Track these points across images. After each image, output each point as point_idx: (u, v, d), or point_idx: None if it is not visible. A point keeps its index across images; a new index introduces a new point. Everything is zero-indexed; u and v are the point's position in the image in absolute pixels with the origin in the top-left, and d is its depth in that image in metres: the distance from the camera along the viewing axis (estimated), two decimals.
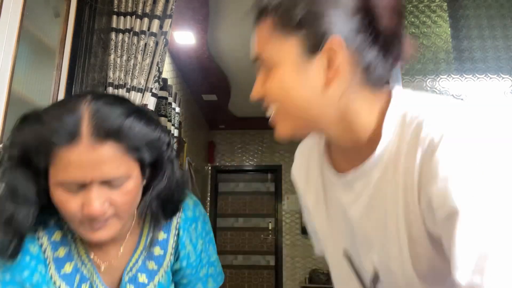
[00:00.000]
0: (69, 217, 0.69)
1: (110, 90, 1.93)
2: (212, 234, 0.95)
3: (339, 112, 0.64)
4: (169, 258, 0.86)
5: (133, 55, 1.97)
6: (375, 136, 0.63)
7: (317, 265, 5.72)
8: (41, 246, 0.76)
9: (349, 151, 0.68)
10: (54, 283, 0.75)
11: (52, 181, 0.67)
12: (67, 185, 0.66)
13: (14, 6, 1.24)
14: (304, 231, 5.81)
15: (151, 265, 0.84)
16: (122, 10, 2.01)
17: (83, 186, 0.66)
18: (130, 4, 2.03)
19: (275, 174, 6.11)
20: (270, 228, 6.08)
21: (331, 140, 0.72)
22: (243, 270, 6.01)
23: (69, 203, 0.67)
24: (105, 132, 0.65)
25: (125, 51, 1.98)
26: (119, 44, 1.97)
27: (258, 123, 5.90)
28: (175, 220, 0.86)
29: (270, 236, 6.06)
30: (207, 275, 0.95)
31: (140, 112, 0.73)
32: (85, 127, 0.64)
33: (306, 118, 0.65)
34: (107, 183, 0.67)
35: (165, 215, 0.82)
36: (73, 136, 0.64)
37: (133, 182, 0.70)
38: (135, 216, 0.82)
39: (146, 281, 0.82)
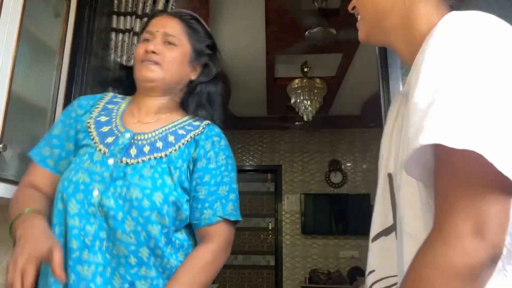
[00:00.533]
0: (136, 57, 1.07)
1: (110, 90, 1.93)
2: (234, 167, 1.07)
3: (403, 16, 0.71)
4: (187, 139, 1.02)
5: (133, 55, 1.97)
6: None
7: (317, 265, 5.72)
8: (103, 98, 1.13)
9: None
10: (89, 127, 1.04)
11: (138, 44, 1.09)
12: (144, 37, 1.08)
13: (14, 6, 1.24)
14: (304, 231, 5.82)
15: (171, 138, 1.01)
16: (122, 10, 2.01)
17: (152, 38, 1.06)
18: (130, 4, 2.02)
19: (275, 174, 6.11)
20: (270, 228, 6.08)
21: (400, 56, 0.78)
22: (243, 270, 6.01)
23: (139, 48, 1.06)
24: (175, 14, 1.11)
25: (125, 51, 1.98)
26: (119, 44, 1.97)
27: (258, 123, 5.91)
28: (204, 122, 1.07)
29: (270, 236, 6.06)
30: (228, 199, 1.01)
31: (202, 23, 1.16)
32: (166, 13, 1.14)
33: (378, 20, 0.75)
34: (165, 39, 1.06)
35: (200, 111, 1.08)
36: (160, 14, 1.12)
37: (181, 50, 1.07)
38: (175, 104, 1.10)
39: (161, 147, 0.99)
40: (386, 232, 0.76)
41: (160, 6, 2.05)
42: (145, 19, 2.01)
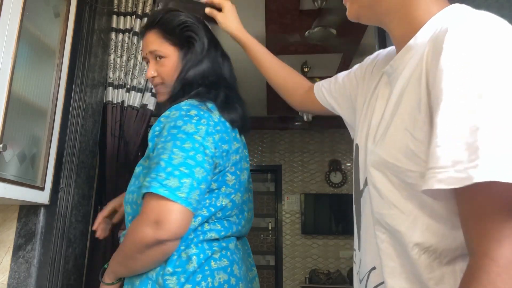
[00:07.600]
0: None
1: (110, 90, 1.93)
2: (175, 137, 0.93)
3: (401, 1, 0.69)
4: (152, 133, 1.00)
5: (133, 55, 1.97)
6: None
7: (317, 265, 5.72)
8: None
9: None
10: None
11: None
12: (146, 62, 1.19)
13: (14, 6, 1.24)
14: (304, 231, 5.82)
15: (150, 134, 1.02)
16: (122, 10, 2.01)
17: (148, 62, 1.16)
18: (130, 4, 2.02)
19: (275, 174, 6.11)
20: (270, 228, 6.09)
21: (392, 38, 0.75)
22: None
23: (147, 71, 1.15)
24: (151, 24, 1.15)
25: (125, 51, 1.98)
26: (119, 44, 1.97)
27: (258, 123, 5.91)
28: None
29: (270, 236, 6.06)
30: (152, 171, 0.91)
31: (174, 10, 1.16)
32: (145, 28, 1.17)
33: (372, 3, 0.72)
34: (155, 56, 1.13)
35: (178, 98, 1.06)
36: (142, 34, 1.18)
37: (170, 59, 1.12)
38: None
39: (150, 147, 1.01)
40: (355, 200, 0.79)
41: (160, 6, 2.06)
42: (145, 19, 2.01)
